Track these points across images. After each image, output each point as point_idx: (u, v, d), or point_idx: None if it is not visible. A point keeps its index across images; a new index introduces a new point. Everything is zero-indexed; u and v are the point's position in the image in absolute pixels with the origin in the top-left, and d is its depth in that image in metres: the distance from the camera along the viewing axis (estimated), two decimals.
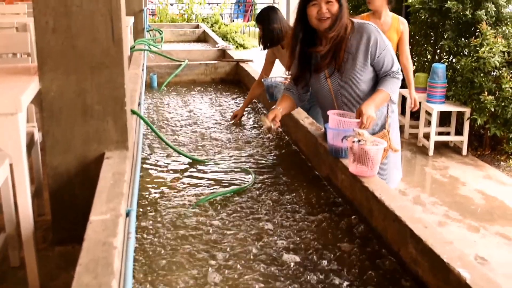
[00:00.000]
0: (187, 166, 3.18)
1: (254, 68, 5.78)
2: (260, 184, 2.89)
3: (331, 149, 2.69)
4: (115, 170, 2.15)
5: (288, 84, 3.13)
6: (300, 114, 3.53)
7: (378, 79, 2.85)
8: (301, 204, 2.61)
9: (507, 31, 5.88)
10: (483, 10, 5.95)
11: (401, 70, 2.92)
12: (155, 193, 2.74)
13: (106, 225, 1.71)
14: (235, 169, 3.12)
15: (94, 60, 2.33)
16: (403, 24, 4.97)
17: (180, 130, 4.03)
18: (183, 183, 2.90)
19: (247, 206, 2.59)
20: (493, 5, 5.99)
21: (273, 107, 2.97)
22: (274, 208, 2.56)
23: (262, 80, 4.14)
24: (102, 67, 2.33)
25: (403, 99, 6.99)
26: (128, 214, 1.93)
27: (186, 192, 2.76)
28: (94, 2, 2.27)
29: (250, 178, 2.94)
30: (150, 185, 2.84)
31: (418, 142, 6.43)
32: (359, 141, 2.40)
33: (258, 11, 4.64)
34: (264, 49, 4.30)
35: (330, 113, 2.71)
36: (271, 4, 5.14)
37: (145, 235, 2.25)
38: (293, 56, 2.96)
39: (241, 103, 4.89)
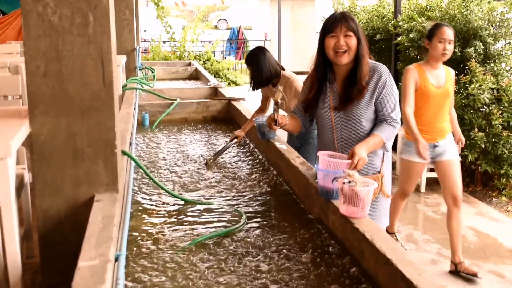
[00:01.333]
0: (179, 207, 3.17)
1: (246, 107, 5.82)
2: (251, 225, 2.88)
3: (322, 190, 2.70)
4: (104, 213, 2.14)
5: (296, 108, 3.17)
6: (291, 154, 3.55)
7: (376, 122, 2.88)
8: (293, 245, 2.60)
9: (495, 68, 5.98)
10: (472, 48, 6.06)
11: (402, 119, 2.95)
12: (146, 235, 2.72)
13: (94, 271, 1.69)
14: (227, 210, 3.11)
15: (85, 104, 2.34)
16: (453, 75, 4.42)
17: (172, 169, 4.03)
18: (174, 225, 2.88)
19: (238, 247, 2.58)
20: (481, 43, 6.10)
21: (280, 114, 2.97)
22: (265, 250, 2.55)
23: (254, 119, 4.18)
24: (93, 110, 2.34)
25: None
26: (117, 259, 1.91)
27: (177, 234, 2.75)
28: (85, 46, 2.30)
29: (241, 219, 2.93)
30: (140, 227, 2.83)
31: None
32: (349, 182, 2.41)
33: (250, 48, 4.73)
34: (253, 89, 4.37)
35: (321, 154, 2.73)
36: (260, 46, 5.20)
37: (135, 281, 2.22)
38: (313, 86, 2.99)
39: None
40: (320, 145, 3.14)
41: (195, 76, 10.23)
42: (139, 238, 2.68)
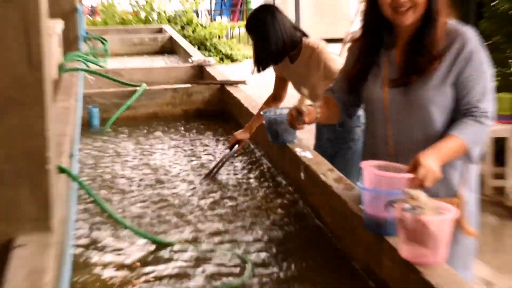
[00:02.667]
0: (149, 252, 3.15)
1: (249, 94, 5.81)
2: (261, 278, 2.85)
3: (370, 220, 2.67)
4: (31, 267, 2.11)
5: (333, 86, 3.19)
6: (321, 166, 3.53)
7: (455, 115, 2.85)
8: None
9: None
10: None
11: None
12: None
13: None
14: (223, 255, 3.09)
15: (1, 96, 2.32)
16: None
17: (136, 195, 4.02)
18: (143, 282, 2.86)
19: None
20: None
21: (307, 103, 2.97)
22: None
23: (262, 113, 4.15)
24: (12, 106, 2.32)
25: None
26: None
27: None
28: (2, 7, 2.28)
29: (246, 269, 2.91)
30: (89, 286, 2.80)
31: (507, 200, 6.38)
32: (413, 208, 2.37)
33: (252, 7, 4.68)
34: (259, 70, 4.33)
35: (366, 165, 2.69)
36: (267, 3, 5.16)
37: None
38: (361, 54, 3.03)
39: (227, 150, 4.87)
40: (367, 149, 3.11)
41: (169, 48, 10.28)
42: None
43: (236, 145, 4.53)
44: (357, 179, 3.85)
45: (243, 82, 6.24)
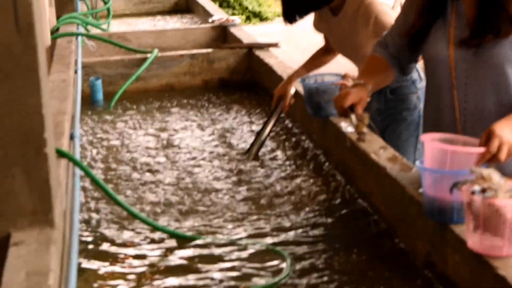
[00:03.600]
0: (167, 248, 3.19)
1: (281, 58, 5.80)
2: (302, 276, 2.88)
3: (431, 207, 2.68)
4: (30, 267, 2.14)
5: (387, 39, 3.20)
6: (371, 144, 3.53)
7: None
8: None
9: None
10: None
11: None
12: None
13: None
14: (258, 250, 3.13)
15: None
16: None
17: (150, 181, 4.06)
18: (161, 282, 2.90)
19: None
20: None
21: (350, 81, 2.97)
22: None
23: (300, 80, 4.15)
24: None
25: None
26: None
27: None
28: None
29: (284, 265, 2.94)
30: None
31: None
32: (483, 190, 2.37)
33: None
34: (290, 21, 4.31)
35: (428, 138, 2.68)
36: None
37: None
38: (422, 7, 3.02)
39: (260, 124, 4.89)
40: (427, 121, 3.11)
41: (185, 6, 10.23)
42: None
43: (277, 106, 4.52)
44: (414, 157, 3.83)
45: (275, 45, 6.19)
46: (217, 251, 3.16)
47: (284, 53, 6.02)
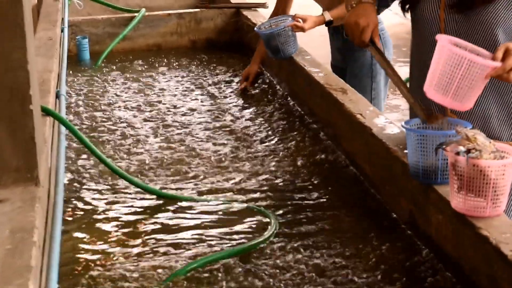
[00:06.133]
0: (152, 207, 3.19)
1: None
2: (285, 236, 2.88)
3: (416, 167, 2.67)
4: (14, 224, 2.14)
5: None
6: (358, 104, 3.52)
7: None
8: (363, 270, 2.60)
9: None
10: None
11: None
12: (94, 260, 2.74)
13: None
14: (241, 210, 3.13)
15: None
16: None
17: (137, 141, 4.06)
18: (145, 241, 2.90)
19: (263, 277, 2.59)
20: None
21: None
22: (312, 281, 2.55)
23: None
24: None
25: None
26: None
27: (151, 257, 2.77)
28: None
29: (269, 225, 2.94)
30: (84, 247, 2.85)
31: None
32: (468, 151, 2.37)
33: None
34: None
35: (444, 39, 2.50)
36: None
37: None
38: None
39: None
40: (414, 81, 3.08)
41: None
42: (79, 268, 2.70)
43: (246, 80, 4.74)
44: (371, 97, 3.96)
45: (262, 5, 6.16)
46: (201, 209, 3.16)
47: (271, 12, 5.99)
